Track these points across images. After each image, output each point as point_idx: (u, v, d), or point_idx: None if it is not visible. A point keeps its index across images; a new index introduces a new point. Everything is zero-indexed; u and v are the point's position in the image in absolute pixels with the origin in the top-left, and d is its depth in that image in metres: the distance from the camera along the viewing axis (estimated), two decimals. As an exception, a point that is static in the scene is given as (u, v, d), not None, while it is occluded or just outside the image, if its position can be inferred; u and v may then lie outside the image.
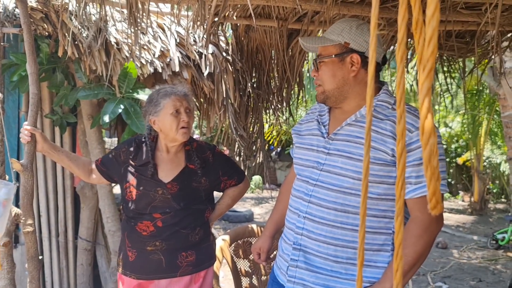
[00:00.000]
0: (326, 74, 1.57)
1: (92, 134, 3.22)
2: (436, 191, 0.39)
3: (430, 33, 0.39)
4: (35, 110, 1.88)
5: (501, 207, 11.17)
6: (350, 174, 1.49)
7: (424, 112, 0.37)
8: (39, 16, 2.75)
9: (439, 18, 0.39)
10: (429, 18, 0.39)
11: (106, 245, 3.52)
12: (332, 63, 1.55)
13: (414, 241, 1.43)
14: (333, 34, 1.56)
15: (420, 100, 0.37)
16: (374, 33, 0.41)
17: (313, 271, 1.55)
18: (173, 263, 1.97)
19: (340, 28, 1.55)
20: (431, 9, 0.39)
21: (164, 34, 3.24)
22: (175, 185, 1.97)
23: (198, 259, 2.02)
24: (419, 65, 0.37)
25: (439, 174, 0.39)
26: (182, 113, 1.92)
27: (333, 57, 1.54)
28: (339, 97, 1.57)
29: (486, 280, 5.26)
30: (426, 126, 0.37)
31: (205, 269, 2.06)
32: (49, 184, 3.40)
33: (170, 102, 1.92)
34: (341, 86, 1.55)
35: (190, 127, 1.97)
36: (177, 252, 1.97)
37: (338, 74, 1.55)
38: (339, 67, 1.54)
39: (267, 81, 3.34)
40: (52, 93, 3.27)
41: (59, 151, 2.01)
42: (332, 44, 1.55)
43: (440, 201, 0.41)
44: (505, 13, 2.29)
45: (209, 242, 2.10)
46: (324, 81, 1.58)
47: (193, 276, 2.02)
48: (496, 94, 8.14)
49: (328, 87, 1.57)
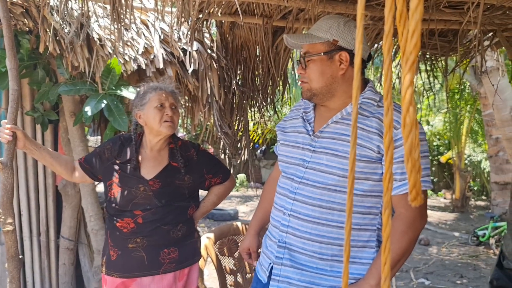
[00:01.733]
0: (314, 72, 1.54)
1: (74, 132, 3.17)
2: (416, 183, 0.39)
3: (413, 25, 0.38)
4: (15, 107, 1.84)
5: (482, 204, 11.37)
6: (336, 171, 1.49)
7: (406, 105, 0.37)
8: (19, 11, 2.69)
9: (422, 11, 0.39)
10: (413, 11, 0.39)
11: (89, 244, 3.48)
12: (320, 61, 1.53)
13: (399, 238, 1.44)
14: (321, 31, 1.54)
15: (403, 92, 0.37)
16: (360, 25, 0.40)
17: (298, 268, 1.55)
18: (155, 260, 1.96)
19: (328, 25, 1.53)
20: (414, 1, 0.39)
21: (148, 31, 3.21)
22: (157, 182, 1.97)
23: (182, 256, 2.01)
24: (403, 57, 0.37)
25: (420, 166, 0.39)
26: (167, 108, 1.95)
27: (321, 54, 1.52)
28: (326, 95, 1.56)
29: (468, 276, 5.34)
30: (407, 119, 0.37)
31: (188, 266, 2.05)
32: (30, 182, 3.34)
33: (156, 95, 1.95)
34: (329, 84, 1.54)
35: (175, 121, 1.98)
36: (159, 248, 1.96)
37: (327, 72, 1.53)
38: (327, 65, 1.53)
39: (252, 79, 3.34)
40: (33, 90, 3.21)
41: (40, 149, 1.98)
42: (320, 42, 1.53)
43: (420, 193, 0.41)
44: (486, 12, 2.32)
45: (193, 239, 2.09)
46: (312, 79, 1.56)
47: (176, 273, 2.01)
48: (477, 93, 8.28)
49: (316, 85, 1.55)
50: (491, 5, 2.25)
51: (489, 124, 8.03)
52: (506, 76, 5.90)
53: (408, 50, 0.36)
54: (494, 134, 8.00)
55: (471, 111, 9.58)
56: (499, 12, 2.33)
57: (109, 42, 2.91)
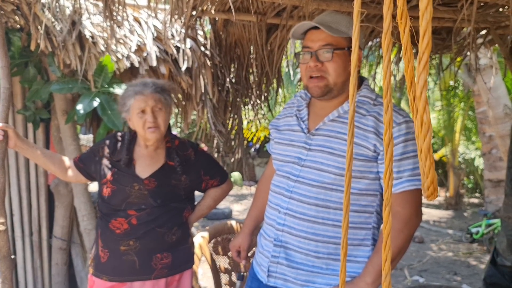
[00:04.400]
0: (338, 66, 1.50)
1: (66, 130, 3.14)
2: (434, 179, 0.39)
3: (424, 26, 0.38)
4: (7, 105, 1.82)
5: (475, 201, 11.44)
6: (332, 169, 1.48)
7: (422, 104, 0.37)
8: (10, 8, 2.66)
9: (432, 12, 0.38)
10: (423, 11, 0.38)
11: (82, 244, 3.45)
12: (344, 56, 1.51)
13: (395, 236, 1.44)
14: (342, 26, 1.52)
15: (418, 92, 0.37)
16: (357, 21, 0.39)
17: (294, 267, 1.55)
18: (147, 264, 1.90)
19: (346, 20, 1.53)
20: (424, 2, 0.38)
21: (140, 28, 3.18)
22: (153, 181, 1.92)
23: (174, 262, 1.95)
24: (405, 55, 0.36)
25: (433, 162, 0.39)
26: (148, 113, 1.86)
27: (345, 49, 1.51)
28: (340, 91, 1.54)
29: (461, 273, 5.37)
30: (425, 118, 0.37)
31: (180, 272, 1.99)
32: (22, 181, 3.31)
33: (135, 102, 1.87)
34: (346, 80, 1.54)
35: (159, 125, 1.90)
36: (151, 253, 1.90)
37: (347, 68, 1.53)
38: (348, 61, 1.53)
39: (246, 76, 3.32)
40: (25, 88, 3.17)
41: (33, 148, 1.94)
42: (344, 37, 1.51)
43: (437, 189, 0.42)
44: (480, 10, 2.32)
45: (187, 244, 2.03)
46: (331, 73, 1.51)
47: (168, 279, 1.95)
48: (470, 90, 8.32)
49: (337, 80, 1.51)
50: (485, 2, 2.25)
51: (483, 121, 8.07)
52: (500, 73, 5.93)
53: (421, 50, 0.36)
54: (488, 131, 8.03)
55: (465, 109, 9.63)
56: (492, 10, 2.33)
57: (101, 39, 2.89)
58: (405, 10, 0.40)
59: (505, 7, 2.31)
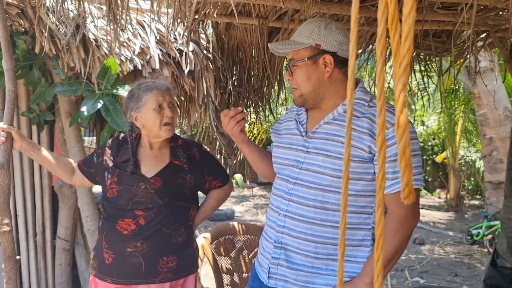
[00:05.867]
0: (301, 78, 1.57)
1: (70, 133, 3.18)
2: (409, 182, 0.41)
3: (407, 30, 0.40)
4: (12, 107, 1.84)
5: (476, 203, 11.44)
6: (329, 172, 1.51)
7: (399, 107, 0.39)
8: (15, 12, 2.69)
9: (415, 17, 0.41)
10: (406, 16, 0.41)
11: (85, 245, 3.48)
12: (305, 66, 1.55)
13: (392, 236, 1.45)
14: (303, 36, 1.56)
15: (396, 95, 0.38)
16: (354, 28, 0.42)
17: (294, 268, 1.57)
18: (153, 268, 1.88)
19: (309, 29, 1.55)
20: (407, 7, 0.41)
21: (144, 31, 3.22)
22: (159, 180, 1.91)
23: (179, 266, 1.94)
24: (395, 61, 0.39)
25: (411, 165, 0.41)
26: (166, 108, 1.86)
27: (306, 60, 1.54)
28: (316, 99, 1.58)
29: (462, 275, 5.38)
30: (401, 120, 0.39)
31: (185, 276, 1.98)
32: (26, 183, 3.34)
33: (153, 97, 1.85)
34: (317, 88, 1.56)
35: (174, 122, 1.91)
36: (158, 256, 1.89)
37: (313, 77, 1.55)
38: (313, 70, 1.55)
39: (247, 79, 3.35)
40: (29, 90, 3.21)
41: (39, 150, 1.95)
42: (303, 48, 1.55)
43: (413, 191, 0.43)
44: (480, 13, 2.35)
45: (192, 248, 2.02)
46: (299, 85, 1.58)
47: (172, 283, 1.94)
48: (470, 93, 8.33)
49: (304, 90, 1.57)
50: (484, 6, 2.28)
51: (483, 124, 8.09)
52: (500, 76, 5.95)
53: (401, 54, 0.38)
54: (488, 133, 8.05)
55: (465, 111, 9.64)
56: (492, 13, 2.35)
57: (105, 42, 2.92)
58: (396, 16, 0.43)
59: (504, 11, 2.33)
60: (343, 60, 1.55)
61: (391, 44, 0.41)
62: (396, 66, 0.38)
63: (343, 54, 1.55)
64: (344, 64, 1.57)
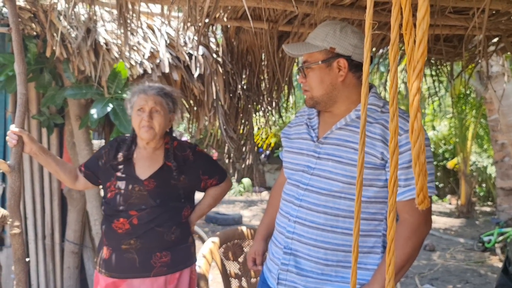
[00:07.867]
0: (314, 81, 1.56)
1: (80, 135, 3.19)
2: (423, 186, 0.40)
3: (421, 35, 0.39)
4: (23, 110, 1.86)
5: (487, 210, 11.30)
6: (340, 178, 1.49)
7: (414, 111, 0.38)
8: (27, 16, 2.72)
9: (429, 21, 0.40)
10: (420, 21, 0.40)
11: (94, 248, 3.49)
12: (319, 69, 1.54)
13: (403, 243, 1.44)
14: (318, 39, 1.55)
15: (410, 99, 0.38)
16: (368, 33, 0.41)
17: (304, 275, 1.55)
18: (146, 262, 1.96)
19: (324, 32, 1.54)
20: (421, 12, 0.40)
21: (154, 35, 3.23)
22: (152, 182, 1.99)
23: (174, 260, 2.01)
24: (409, 66, 0.38)
25: (426, 170, 0.40)
26: (145, 112, 1.95)
27: (320, 63, 1.53)
28: (328, 102, 1.57)
29: (473, 282, 5.31)
30: (415, 125, 0.38)
31: (180, 270, 2.05)
32: (36, 186, 3.36)
33: (138, 100, 1.97)
34: (329, 91, 1.55)
35: (153, 126, 1.97)
36: (151, 251, 1.97)
37: (326, 80, 1.54)
38: (326, 73, 1.54)
39: (257, 83, 3.35)
40: (39, 93, 3.23)
41: (47, 154, 2.01)
42: (318, 50, 1.54)
43: (427, 196, 0.42)
44: (491, 18, 2.32)
45: (187, 243, 2.09)
46: (312, 88, 1.57)
47: (167, 277, 2.01)
48: (482, 98, 8.26)
49: (316, 93, 1.57)
50: (496, 10, 2.25)
51: (495, 129, 8.00)
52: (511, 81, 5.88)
53: (416, 59, 0.37)
54: (500, 139, 7.95)
55: (476, 116, 9.54)
56: (504, 18, 2.33)
57: (115, 46, 2.94)
58: (411, 21, 0.42)
59: (517, 15, 2.31)
60: (357, 64, 1.54)
61: (405, 49, 0.40)
62: (410, 71, 0.37)
63: (358, 58, 1.53)
64: (359, 68, 1.56)
